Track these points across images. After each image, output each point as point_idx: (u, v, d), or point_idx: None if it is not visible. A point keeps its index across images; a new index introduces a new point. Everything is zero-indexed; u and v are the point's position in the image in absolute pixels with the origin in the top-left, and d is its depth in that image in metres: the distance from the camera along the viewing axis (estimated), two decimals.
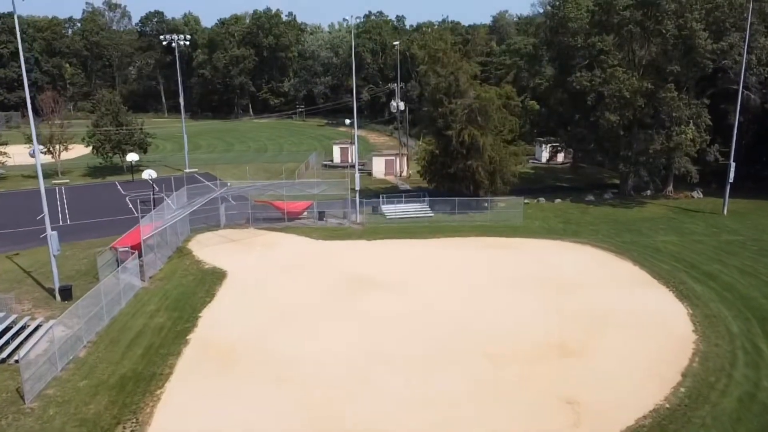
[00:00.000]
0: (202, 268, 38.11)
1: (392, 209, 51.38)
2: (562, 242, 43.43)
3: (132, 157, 63.03)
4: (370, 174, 68.74)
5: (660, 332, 28.56)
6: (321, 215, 49.19)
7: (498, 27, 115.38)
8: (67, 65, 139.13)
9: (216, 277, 36.43)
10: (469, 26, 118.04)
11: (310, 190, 47.79)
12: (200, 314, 30.98)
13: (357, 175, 48.92)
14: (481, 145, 48.12)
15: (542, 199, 56.08)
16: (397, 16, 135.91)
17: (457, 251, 41.21)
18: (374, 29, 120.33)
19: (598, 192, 58.79)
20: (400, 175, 68.50)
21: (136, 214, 49.62)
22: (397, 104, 67.26)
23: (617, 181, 62.73)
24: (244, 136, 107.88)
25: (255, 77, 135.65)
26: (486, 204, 50.90)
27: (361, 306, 31.73)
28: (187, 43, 73.12)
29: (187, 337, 28.43)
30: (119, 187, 64.02)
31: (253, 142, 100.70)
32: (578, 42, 52.92)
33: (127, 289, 33.61)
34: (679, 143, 49.62)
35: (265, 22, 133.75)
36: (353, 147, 74.62)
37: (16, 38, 47.54)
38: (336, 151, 74.78)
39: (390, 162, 68.89)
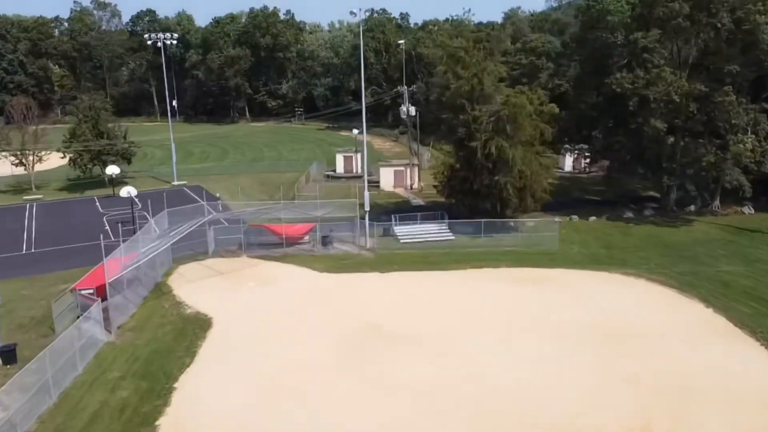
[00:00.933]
0: (183, 313, 31.49)
1: (407, 231, 44.76)
2: (610, 275, 36.84)
3: (112, 170, 56.36)
4: (377, 187, 62.00)
5: (763, 409, 22.05)
6: (325, 240, 42.56)
7: (510, 24, 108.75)
8: (57, 67, 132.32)
9: (199, 326, 29.80)
10: (479, 24, 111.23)
11: (312, 212, 41.16)
12: (176, 384, 24.35)
13: (366, 193, 42.33)
14: (510, 158, 41.57)
15: (575, 217, 49.46)
16: (401, 14, 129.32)
17: (489, 288, 34.60)
18: (377, 27, 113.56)
19: (636, 208, 52.21)
20: (411, 188, 61.88)
21: (113, 239, 43.05)
22: (407, 109, 60.62)
23: (654, 194, 56.24)
24: (239, 142, 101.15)
25: (251, 79, 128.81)
26: (513, 224, 44.40)
27: (381, 371, 25.10)
28: (175, 42, 66.37)
29: (156, 423, 21.81)
30: (98, 203, 57.32)
31: (249, 148, 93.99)
32: (618, 38, 46.25)
33: (87, 346, 27.00)
34: (738, 153, 43.02)
35: (262, 21, 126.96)
36: (359, 156, 68.19)
37: None
38: (339, 160, 68.13)
39: (400, 173, 62.26)
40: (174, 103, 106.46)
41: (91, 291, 31.03)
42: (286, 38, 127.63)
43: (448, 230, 44.59)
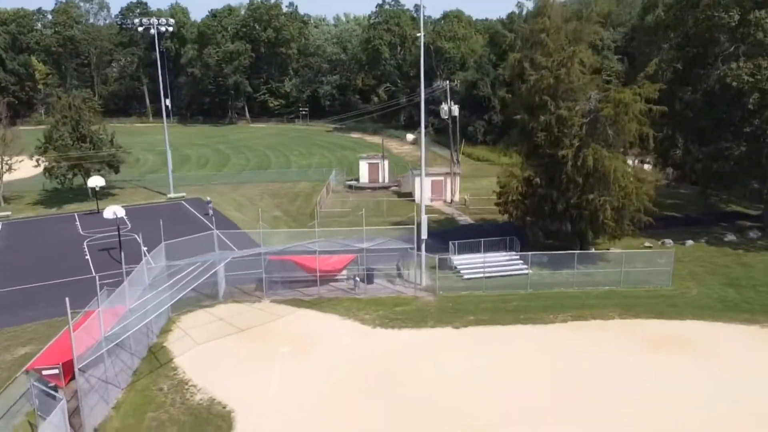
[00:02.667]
0: (190, 402, 21.69)
1: (469, 263, 35.15)
2: (763, 329, 27.42)
3: (96, 181, 46.45)
4: (411, 200, 52.31)
5: None
6: (369, 277, 32.89)
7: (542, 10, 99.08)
8: (41, 63, 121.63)
9: (215, 427, 20.04)
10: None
11: (358, 244, 31.37)
12: None
13: (424, 217, 32.57)
14: (610, 171, 32.09)
15: (669, 242, 40.03)
16: (415, 5, 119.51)
17: (614, 358, 24.91)
18: (392, 19, 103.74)
19: (730, 227, 43.08)
20: (451, 202, 52.27)
21: (94, 274, 33.25)
22: (449, 108, 50.92)
23: (741, 210, 47.27)
24: (241, 144, 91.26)
25: (251, 76, 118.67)
26: (602, 254, 34.98)
27: None
28: (171, 28, 56.39)
29: None
30: (78, 222, 47.24)
31: (252, 153, 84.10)
32: (733, 19, 36.77)
33: None
34: None
35: (263, 13, 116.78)
36: (386, 163, 58.65)
37: None
38: (364, 168, 58.32)
39: (438, 184, 52.58)
40: (167, 102, 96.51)
41: (54, 371, 21.30)
42: (289, 32, 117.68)
43: (521, 262, 35.02)
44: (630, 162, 38.19)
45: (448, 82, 53.08)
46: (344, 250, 31.98)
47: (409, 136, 47.78)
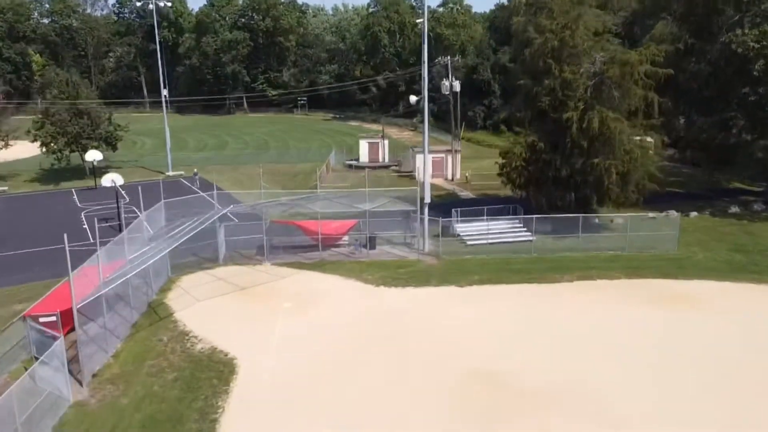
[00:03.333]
0: (191, 351, 21.24)
1: (472, 230, 34.75)
2: None
3: (93, 155, 45.90)
4: (412, 178, 51.95)
5: None
6: (371, 241, 32.46)
7: None
8: (38, 55, 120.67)
9: (218, 374, 19.59)
10: None
11: (359, 204, 30.94)
12: None
13: (427, 179, 32.14)
14: (616, 134, 31.73)
15: (672, 212, 39.63)
16: None
17: (621, 311, 24.58)
18: (390, 6, 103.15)
19: (731, 201, 42.78)
20: (453, 179, 51.86)
21: (92, 240, 32.73)
22: (451, 83, 50.41)
23: (742, 186, 47.01)
24: (238, 131, 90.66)
25: (250, 66, 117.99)
26: (602, 222, 34.62)
27: None
28: (170, 4, 55.81)
29: None
30: (75, 197, 46.70)
31: (251, 138, 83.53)
32: None
33: (43, 410, 16.89)
34: None
35: (262, 2, 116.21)
36: (386, 143, 58.21)
37: None
38: (363, 147, 57.84)
39: (438, 162, 52.15)
40: (165, 92, 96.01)
41: (52, 318, 20.81)
42: (287, 21, 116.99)
43: (525, 228, 34.60)
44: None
45: (449, 57, 52.57)
46: (347, 213, 31.51)
47: (413, 98, 47.17)
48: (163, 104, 59.90)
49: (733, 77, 38.30)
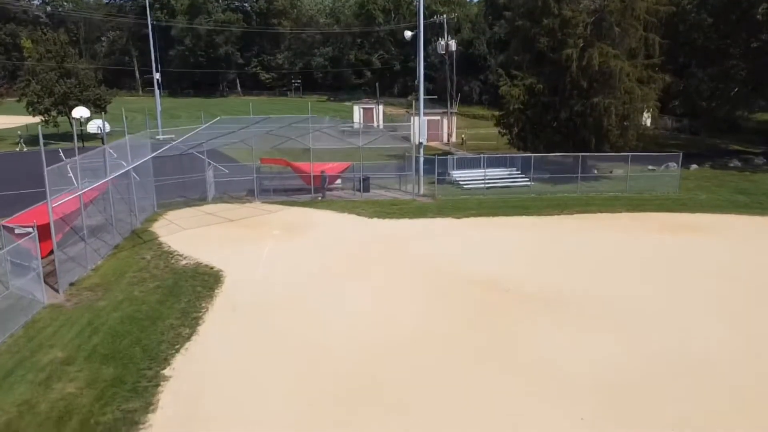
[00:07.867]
0: (175, 265, 20.22)
1: (468, 176, 33.85)
2: None
3: (81, 112, 44.74)
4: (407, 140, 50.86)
5: None
6: (365, 183, 31.51)
7: None
8: (28, 41, 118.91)
9: (202, 282, 18.58)
10: None
11: (351, 141, 29.97)
12: (166, 371, 13.17)
13: (422, 119, 31.24)
14: (615, 71, 30.88)
15: (673, 164, 38.83)
16: None
17: (625, 235, 23.74)
18: None
19: (730, 157, 42.12)
20: (448, 141, 50.96)
21: (76, 184, 31.62)
22: (446, 43, 49.39)
23: (739, 148, 46.39)
24: (233, 109, 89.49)
25: (243, 49, 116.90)
26: (600, 171, 33.79)
27: (539, 357, 14.07)
28: None
29: None
30: (62, 154, 45.48)
31: (245, 115, 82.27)
32: None
33: (14, 309, 15.93)
34: None
35: None
36: (380, 108, 57.26)
37: None
38: (357, 112, 56.89)
39: (434, 124, 51.21)
40: (158, 75, 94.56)
41: (29, 230, 19.73)
42: (281, 3, 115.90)
43: (523, 175, 33.73)
44: None
45: (444, 16, 51.69)
46: (340, 150, 30.58)
47: (407, 33, 46.19)
48: (155, 84, 58.81)
49: (736, 25, 37.51)
